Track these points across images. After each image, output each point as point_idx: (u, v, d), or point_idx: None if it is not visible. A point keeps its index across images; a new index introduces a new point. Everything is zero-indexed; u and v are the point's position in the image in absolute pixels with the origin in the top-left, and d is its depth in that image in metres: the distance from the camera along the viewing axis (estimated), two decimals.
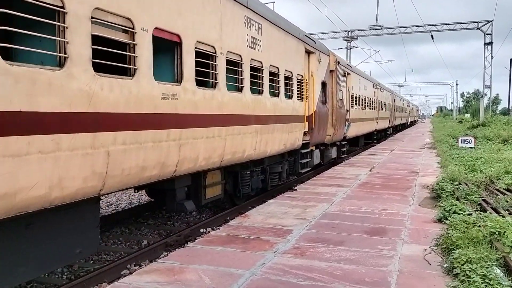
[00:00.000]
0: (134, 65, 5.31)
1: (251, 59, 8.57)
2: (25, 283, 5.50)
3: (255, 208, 8.49)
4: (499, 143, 22.43)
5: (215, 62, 7.23)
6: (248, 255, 5.51)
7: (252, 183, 9.63)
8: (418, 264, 5.17)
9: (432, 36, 41.67)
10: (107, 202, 10.94)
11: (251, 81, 8.58)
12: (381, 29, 42.30)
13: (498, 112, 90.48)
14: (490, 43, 40.70)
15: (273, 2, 13.19)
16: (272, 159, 10.65)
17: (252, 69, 8.68)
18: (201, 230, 7.95)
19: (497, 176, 11.04)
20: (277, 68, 9.93)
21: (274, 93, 9.92)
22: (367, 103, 24.26)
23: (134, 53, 5.30)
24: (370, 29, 43.06)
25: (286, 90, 10.50)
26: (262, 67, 9.10)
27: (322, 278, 4.69)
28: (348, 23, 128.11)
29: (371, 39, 68.80)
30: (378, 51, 44.87)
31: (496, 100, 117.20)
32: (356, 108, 20.42)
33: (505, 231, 5.69)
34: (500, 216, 6.77)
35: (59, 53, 4.33)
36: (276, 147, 10.06)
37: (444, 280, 4.66)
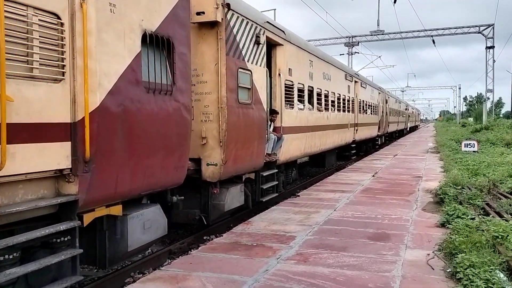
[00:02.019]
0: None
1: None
2: None
3: (258, 214, 8.50)
4: (502, 146, 22.34)
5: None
6: (251, 262, 5.52)
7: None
8: (421, 269, 5.17)
9: (433, 41, 41.77)
10: None
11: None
12: (382, 34, 42.42)
13: (501, 115, 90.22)
14: (492, 47, 40.75)
15: (274, 10, 13.26)
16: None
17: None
18: (204, 238, 7.96)
19: (500, 180, 11.01)
20: None
21: None
22: (332, 102, 15.62)
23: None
24: (371, 35, 43.19)
25: None
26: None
27: (325, 284, 4.70)
28: (350, 28, 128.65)
29: (373, 44, 68.91)
30: (379, 57, 44.90)
31: (499, 104, 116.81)
32: (300, 109, 11.87)
33: (508, 235, 5.68)
34: (503, 220, 6.75)
35: None
36: None
37: (447, 285, 4.66)
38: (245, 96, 8.27)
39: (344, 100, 17.79)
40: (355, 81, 20.68)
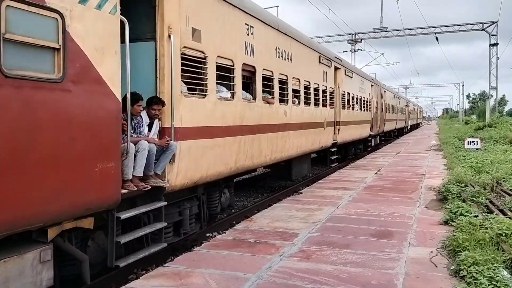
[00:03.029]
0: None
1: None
2: None
3: (261, 212, 8.51)
4: (505, 144, 22.29)
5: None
6: (254, 258, 5.52)
7: None
8: (424, 267, 5.16)
9: (437, 38, 41.58)
10: None
11: None
12: (386, 31, 42.26)
13: (504, 113, 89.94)
14: (496, 44, 40.54)
15: (277, 7, 13.22)
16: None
17: None
18: (207, 234, 7.97)
19: (503, 178, 10.98)
20: None
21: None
22: (296, 91, 11.69)
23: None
24: (374, 32, 43.05)
25: None
26: None
27: (328, 281, 4.70)
28: (353, 26, 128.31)
29: (376, 41, 68.67)
30: (382, 54, 44.87)
31: (502, 101, 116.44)
32: (224, 99, 7.87)
33: (511, 233, 5.66)
34: (507, 217, 6.74)
35: None
36: None
37: (451, 282, 4.65)
38: (29, 62, 4.05)
39: (317, 90, 13.48)
40: (336, 67, 16.00)
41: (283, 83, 10.62)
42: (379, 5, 38.18)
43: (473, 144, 20.29)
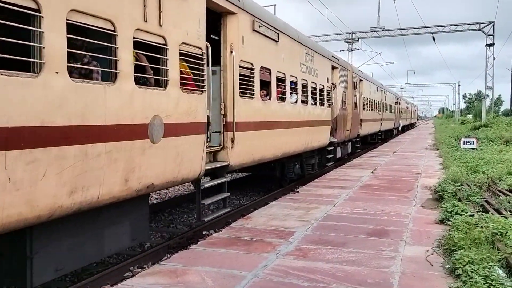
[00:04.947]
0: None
1: None
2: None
3: (257, 210, 8.51)
4: (501, 144, 22.37)
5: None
6: (251, 257, 5.52)
7: None
8: (420, 265, 5.18)
9: (433, 38, 41.69)
10: None
11: None
12: (383, 30, 42.32)
13: (500, 113, 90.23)
14: (492, 44, 40.68)
15: (275, 5, 13.21)
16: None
17: None
18: (204, 233, 7.97)
19: (499, 177, 11.03)
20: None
21: None
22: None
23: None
24: (371, 31, 43.11)
25: None
26: None
27: (324, 280, 4.71)
28: (350, 25, 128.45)
29: (373, 40, 68.81)
30: (379, 53, 44.88)
31: (498, 101, 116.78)
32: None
33: (507, 232, 5.69)
34: (502, 217, 6.76)
35: None
36: None
37: (446, 281, 4.67)
38: None
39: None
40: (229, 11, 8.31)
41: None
42: (377, 4, 37.97)
43: (469, 143, 20.36)
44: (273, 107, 10.20)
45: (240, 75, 8.39)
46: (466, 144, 20.40)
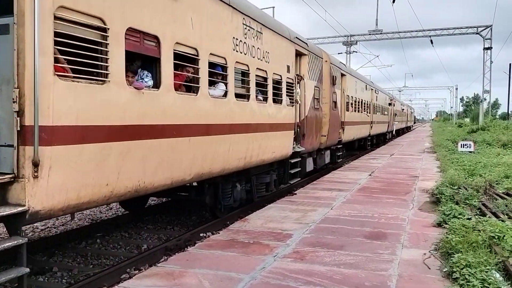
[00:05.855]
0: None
1: None
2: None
3: (255, 212, 8.50)
4: (498, 147, 22.46)
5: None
6: (248, 259, 5.52)
7: None
8: (417, 268, 5.18)
9: (431, 41, 41.84)
10: (106, 207, 10.94)
11: None
12: (381, 34, 42.44)
13: (497, 116, 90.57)
14: (490, 48, 40.86)
15: (273, 7, 13.23)
16: None
17: None
18: (201, 235, 7.94)
19: (496, 181, 11.06)
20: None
21: None
22: None
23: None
24: (369, 34, 43.21)
25: None
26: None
27: (322, 282, 4.70)
28: (348, 27, 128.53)
29: (371, 43, 68.86)
30: (377, 56, 44.95)
31: (495, 105, 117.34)
32: None
33: (504, 235, 5.70)
34: (499, 220, 6.78)
35: None
36: None
37: (444, 284, 4.67)
38: None
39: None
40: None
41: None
42: (375, 7, 38.04)
43: (466, 147, 20.43)
44: (166, 102, 6.03)
45: (62, 35, 4.42)
46: (463, 147, 20.47)
